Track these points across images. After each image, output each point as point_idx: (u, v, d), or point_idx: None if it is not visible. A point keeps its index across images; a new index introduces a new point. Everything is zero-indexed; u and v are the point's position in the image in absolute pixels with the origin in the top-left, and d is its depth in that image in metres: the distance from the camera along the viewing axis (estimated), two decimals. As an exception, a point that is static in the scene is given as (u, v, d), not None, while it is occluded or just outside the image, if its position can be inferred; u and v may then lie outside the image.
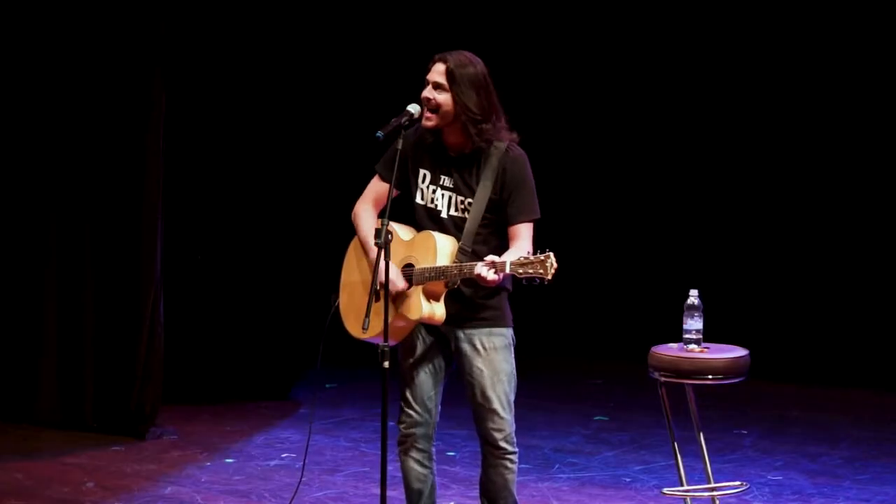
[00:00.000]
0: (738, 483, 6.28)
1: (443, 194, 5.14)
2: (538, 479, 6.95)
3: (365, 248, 5.19)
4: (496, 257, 4.86)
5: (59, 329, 7.94)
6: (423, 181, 5.17)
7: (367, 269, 5.16)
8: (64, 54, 7.78)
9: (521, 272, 4.78)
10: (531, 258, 4.78)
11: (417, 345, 5.20)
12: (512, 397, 5.17)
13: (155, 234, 7.71)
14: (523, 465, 5.56)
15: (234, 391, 8.72)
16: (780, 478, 7.05)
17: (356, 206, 5.29)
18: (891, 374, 9.10)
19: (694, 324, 5.76)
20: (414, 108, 5.08)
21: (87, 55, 7.74)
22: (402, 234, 5.15)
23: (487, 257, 4.87)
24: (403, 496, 5.39)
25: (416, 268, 5.05)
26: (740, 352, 5.80)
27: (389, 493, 5.10)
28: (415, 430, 5.25)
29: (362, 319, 4.98)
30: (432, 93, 5.05)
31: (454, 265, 4.97)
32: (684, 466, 5.98)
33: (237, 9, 8.61)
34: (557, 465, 7.26)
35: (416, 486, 5.32)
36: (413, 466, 5.30)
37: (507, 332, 5.16)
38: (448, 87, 5.02)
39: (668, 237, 9.91)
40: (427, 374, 5.23)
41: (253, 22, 8.66)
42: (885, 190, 9.29)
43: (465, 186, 5.10)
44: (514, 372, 5.18)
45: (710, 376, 5.71)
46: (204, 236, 8.73)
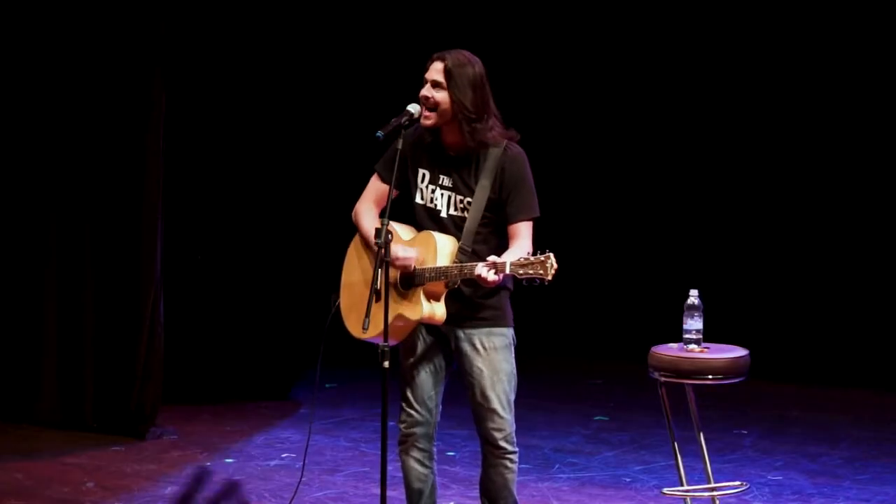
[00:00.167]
0: (738, 483, 6.28)
1: (442, 194, 5.14)
2: (538, 479, 6.95)
3: (368, 246, 5.20)
4: (496, 258, 4.86)
5: (59, 329, 7.93)
6: (422, 181, 5.17)
7: (368, 268, 5.16)
8: (64, 54, 7.77)
9: (521, 273, 4.78)
10: (531, 259, 4.78)
11: (418, 344, 5.20)
12: (512, 397, 5.17)
13: (155, 234, 7.70)
14: (523, 465, 5.56)
15: (234, 391, 8.71)
16: (780, 478, 7.04)
17: (357, 206, 5.29)
18: (891, 374, 9.10)
19: (694, 324, 5.76)
20: (414, 108, 5.08)
21: (88, 55, 7.74)
22: (403, 234, 5.15)
23: (488, 258, 4.88)
24: (404, 496, 5.39)
25: (416, 268, 5.05)
26: (740, 352, 5.80)
27: (389, 493, 5.11)
28: (415, 429, 5.26)
29: (363, 319, 4.99)
30: (430, 91, 5.06)
31: (454, 265, 4.98)
32: (684, 466, 5.98)
33: (237, 9, 8.61)
34: (557, 465, 7.26)
35: (416, 485, 5.32)
36: (413, 466, 5.30)
37: (507, 332, 5.16)
38: (446, 85, 5.03)
39: (668, 237, 9.90)
40: (428, 374, 5.23)
41: (253, 22, 8.65)
42: (885, 190, 9.29)
43: (464, 186, 5.10)
44: (515, 372, 5.18)
45: (710, 376, 5.71)
46: (204, 236, 8.72)
